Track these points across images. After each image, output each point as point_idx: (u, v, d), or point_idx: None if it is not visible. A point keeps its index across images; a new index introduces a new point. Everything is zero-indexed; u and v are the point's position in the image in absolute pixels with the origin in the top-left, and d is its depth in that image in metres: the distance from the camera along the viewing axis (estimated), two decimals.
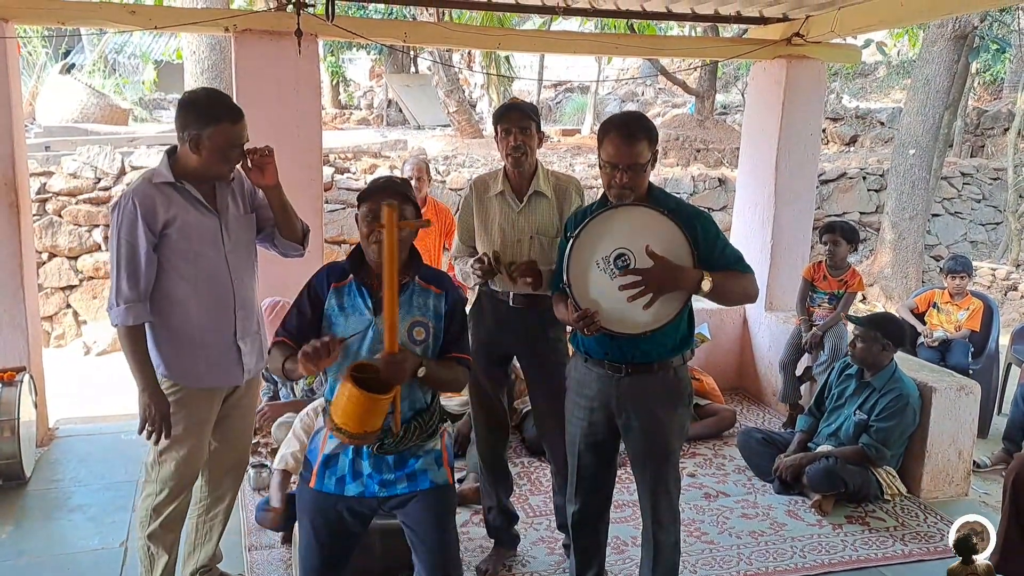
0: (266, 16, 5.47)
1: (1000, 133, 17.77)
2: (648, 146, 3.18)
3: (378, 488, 2.85)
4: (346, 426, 2.62)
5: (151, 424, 3.29)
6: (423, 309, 2.85)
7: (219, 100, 3.34)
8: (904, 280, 11.75)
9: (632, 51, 7.49)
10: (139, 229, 3.20)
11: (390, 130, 18.91)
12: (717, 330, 6.79)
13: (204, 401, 3.45)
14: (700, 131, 16.11)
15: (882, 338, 5.06)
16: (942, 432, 5.13)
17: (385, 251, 2.57)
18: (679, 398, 3.37)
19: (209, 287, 3.36)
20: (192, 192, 3.30)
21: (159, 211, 3.23)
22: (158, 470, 3.45)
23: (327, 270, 2.94)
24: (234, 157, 3.30)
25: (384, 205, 2.60)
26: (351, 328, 2.82)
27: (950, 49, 11.38)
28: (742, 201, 6.97)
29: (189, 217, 3.29)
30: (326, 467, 2.88)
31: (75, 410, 6.41)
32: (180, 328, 3.35)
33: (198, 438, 3.46)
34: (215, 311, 3.39)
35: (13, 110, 5.25)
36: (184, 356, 3.37)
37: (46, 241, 9.20)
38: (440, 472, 2.93)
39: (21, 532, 4.49)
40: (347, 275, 2.88)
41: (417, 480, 2.88)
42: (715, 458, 5.67)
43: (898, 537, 4.70)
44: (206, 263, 3.34)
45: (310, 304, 2.87)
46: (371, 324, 2.80)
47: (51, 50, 17.04)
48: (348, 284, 2.87)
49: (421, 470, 2.88)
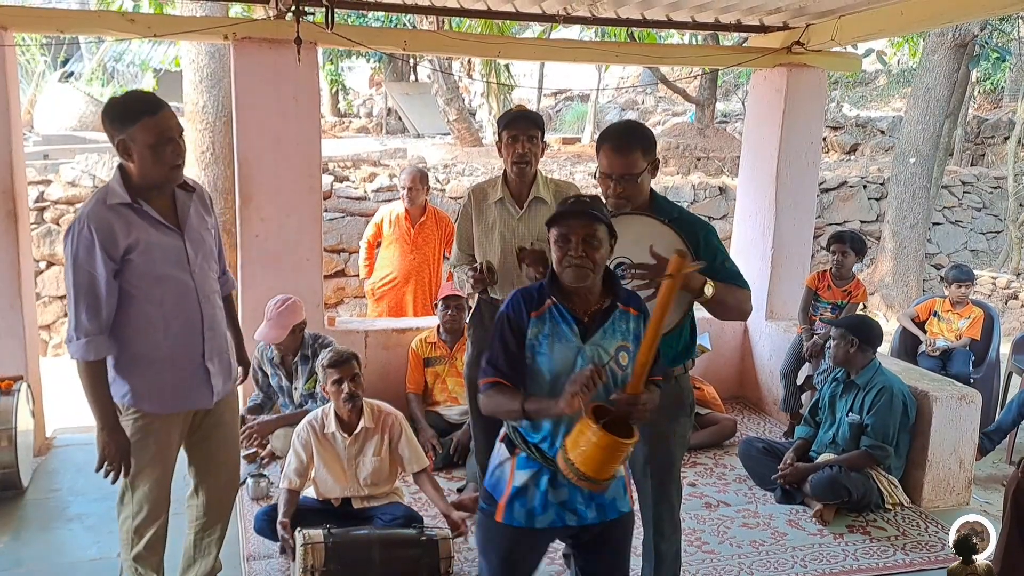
0: (265, 24, 5.47)
1: (1000, 142, 17.79)
2: (643, 156, 3.17)
3: (570, 517, 2.75)
4: (587, 471, 2.46)
5: (109, 463, 3.18)
6: (625, 333, 2.72)
7: (134, 97, 3.14)
8: (905, 289, 11.74)
9: (632, 59, 7.49)
10: (97, 257, 3.01)
11: (390, 138, 18.89)
12: (718, 339, 6.77)
13: (172, 425, 3.32)
14: (700, 140, 16.10)
15: (849, 335, 5.09)
16: (943, 441, 5.11)
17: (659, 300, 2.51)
18: (681, 407, 3.36)
19: (176, 310, 3.20)
20: (150, 212, 3.11)
21: (119, 236, 3.03)
22: (130, 493, 3.34)
23: (521, 298, 2.76)
24: (168, 154, 3.04)
25: (675, 253, 2.55)
26: (558, 356, 2.68)
27: (950, 58, 11.40)
28: (742, 210, 6.96)
29: (151, 239, 3.11)
30: (515, 500, 2.76)
31: (73, 419, 6.38)
32: (146, 353, 3.20)
33: (165, 463, 3.34)
34: (183, 333, 3.23)
35: (11, 118, 5.24)
36: (150, 382, 3.22)
37: (44, 250, 9.18)
38: (626, 500, 2.84)
39: (19, 542, 4.47)
40: (544, 300, 2.72)
41: (607, 509, 2.78)
42: (716, 467, 5.65)
43: (899, 546, 4.68)
44: (173, 284, 3.18)
45: (513, 337, 2.70)
46: (579, 351, 2.67)
47: (49, 58, 17.05)
48: (548, 310, 2.71)
49: (610, 500, 2.77)
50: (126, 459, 3.20)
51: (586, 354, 2.67)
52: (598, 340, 2.68)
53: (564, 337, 2.69)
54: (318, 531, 3.90)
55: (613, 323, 2.71)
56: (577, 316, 2.70)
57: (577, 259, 2.62)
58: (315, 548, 3.82)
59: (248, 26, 5.46)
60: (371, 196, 10.36)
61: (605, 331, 2.69)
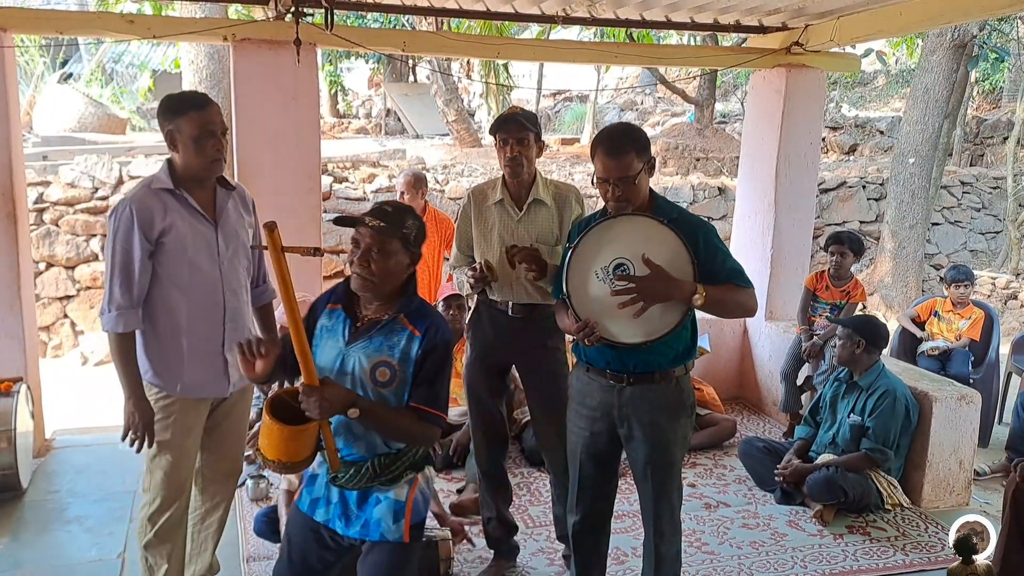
0: (265, 26, 5.47)
1: (999, 142, 17.82)
2: (637, 157, 3.16)
3: (339, 522, 2.75)
4: (266, 452, 2.60)
5: (134, 431, 3.28)
6: (390, 350, 2.68)
7: (186, 93, 3.37)
8: (904, 289, 11.74)
9: (631, 60, 7.49)
10: (135, 236, 3.19)
11: (389, 139, 18.87)
12: (717, 340, 6.77)
13: (191, 410, 3.41)
14: (700, 140, 16.11)
15: (855, 335, 5.08)
16: (943, 442, 5.11)
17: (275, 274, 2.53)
18: (681, 408, 3.35)
19: (200, 297, 3.33)
20: (189, 200, 3.28)
21: (156, 219, 3.21)
22: (149, 479, 3.43)
23: (331, 290, 2.86)
24: (209, 147, 3.22)
25: (263, 227, 2.57)
26: (324, 353, 2.74)
27: (949, 58, 11.41)
28: (742, 210, 6.96)
29: (185, 225, 3.27)
30: (308, 485, 2.83)
31: (72, 421, 6.40)
32: (168, 336, 3.33)
33: (184, 446, 3.42)
34: (204, 321, 3.36)
35: (11, 120, 5.24)
36: (171, 364, 3.34)
37: (43, 251, 9.18)
38: (394, 528, 2.70)
39: (18, 543, 4.47)
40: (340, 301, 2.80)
41: (370, 528, 2.71)
42: (715, 468, 5.65)
43: (899, 547, 4.68)
44: (199, 273, 3.32)
45: (305, 321, 2.72)
46: (340, 354, 2.71)
47: (49, 59, 17.04)
48: (338, 309, 2.78)
49: (376, 519, 2.70)
50: (149, 429, 3.29)
51: (346, 359, 2.71)
52: (360, 348, 2.70)
53: (335, 336, 2.75)
54: None
55: (384, 336, 2.70)
56: (355, 319, 2.76)
57: (359, 267, 2.67)
58: None
59: (247, 27, 5.47)
60: (370, 197, 10.36)
61: (371, 341, 2.69)
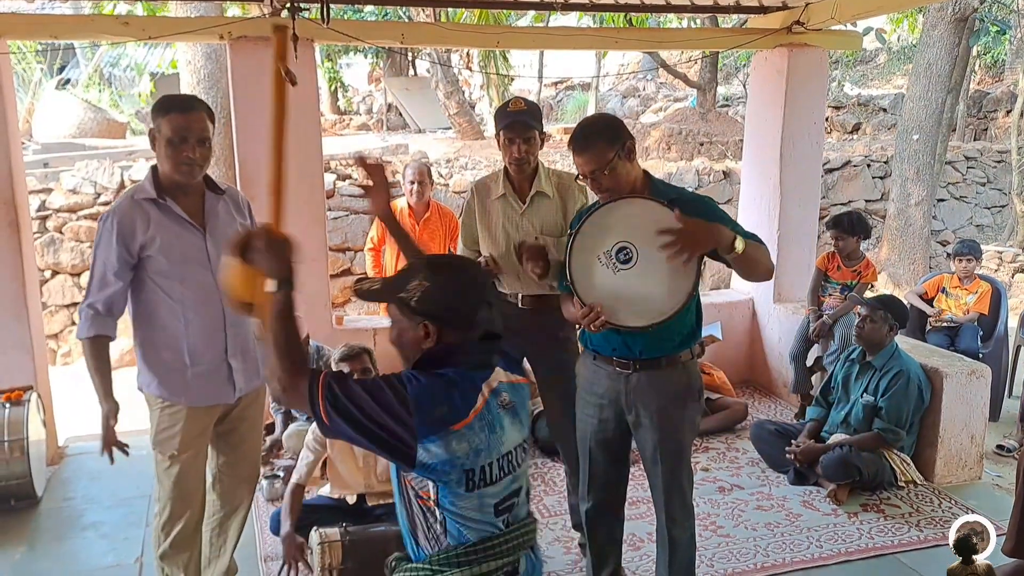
0: (261, 23, 5.44)
1: (1003, 115, 17.72)
2: (607, 146, 3.11)
3: None
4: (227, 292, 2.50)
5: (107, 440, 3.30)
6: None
7: (178, 96, 3.37)
8: (911, 266, 11.70)
9: (632, 44, 7.46)
10: (113, 248, 3.17)
11: (391, 135, 18.85)
12: (727, 324, 6.75)
13: (198, 418, 3.36)
14: (703, 124, 16.04)
15: (891, 318, 5.08)
16: (954, 417, 5.10)
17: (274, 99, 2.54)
18: (689, 393, 3.34)
19: (197, 305, 3.27)
20: (174, 209, 3.22)
21: (137, 232, 3.18)
22: (159, 488, 3.41)
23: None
24: (180, 152, 3.13)
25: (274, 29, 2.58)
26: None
27: (950, 32, 11.33)
28: (747, 193, 6.94)
29: (171, 235, 3.22)
30: None
31: (84, 428, 6.39)
32: (169, 346, 3.28)
33: (193, 455, 3.38)
34: (204, 330, 3.30)
35: (9, 127, 5.22)
36: (173, 375, 3.30)
37: (48, 259, 9.17)
38: None
39: (35, 552, 4.48)
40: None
41: None
42: (728, 451, 5.64)
43: (913, 523, 4.67)
44: (193, 282, 3.25)
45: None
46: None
47: (46, 66, 17.05)
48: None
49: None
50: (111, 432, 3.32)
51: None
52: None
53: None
54: (335, 529, 3.87)
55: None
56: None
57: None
58: (332, 547, 3.79)
59: (243, 25, 5.44)
60: None
61: None
